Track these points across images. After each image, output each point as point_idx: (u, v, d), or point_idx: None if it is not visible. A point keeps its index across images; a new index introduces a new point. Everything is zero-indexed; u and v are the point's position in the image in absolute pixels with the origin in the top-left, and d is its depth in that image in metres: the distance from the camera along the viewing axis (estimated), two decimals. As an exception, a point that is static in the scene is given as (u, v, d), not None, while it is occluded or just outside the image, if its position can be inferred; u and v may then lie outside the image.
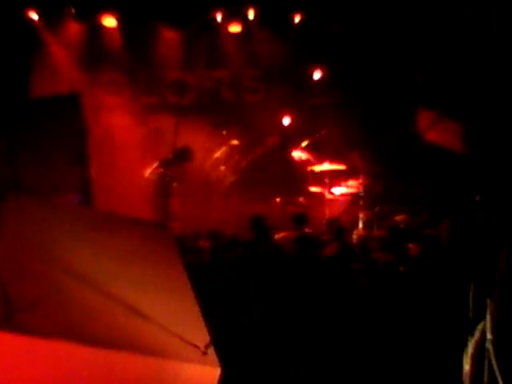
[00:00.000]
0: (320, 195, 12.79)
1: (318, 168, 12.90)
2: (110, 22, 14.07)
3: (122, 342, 4.13)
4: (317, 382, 6.69)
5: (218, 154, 13.63)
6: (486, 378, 4.93)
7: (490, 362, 4.87)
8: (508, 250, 4.85)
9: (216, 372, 4.29)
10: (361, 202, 12.24)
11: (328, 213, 12.37)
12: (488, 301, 4.90)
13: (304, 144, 13.15)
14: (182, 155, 12.72)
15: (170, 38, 14.31)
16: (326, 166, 12.78)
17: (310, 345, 6.85)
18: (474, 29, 12.33)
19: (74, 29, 14.17)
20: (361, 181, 12.44)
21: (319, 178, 12.91)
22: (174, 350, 4.27)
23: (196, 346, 4.32)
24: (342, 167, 12.79)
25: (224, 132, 13.78)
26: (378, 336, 6.86)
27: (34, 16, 13.76)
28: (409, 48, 13.17)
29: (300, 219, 10.35)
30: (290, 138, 13.60)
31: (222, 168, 13.55)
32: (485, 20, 12.08)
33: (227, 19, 14.15)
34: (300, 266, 7.67)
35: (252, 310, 7.05)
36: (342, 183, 12.68)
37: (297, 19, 13.91)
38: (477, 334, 5.10)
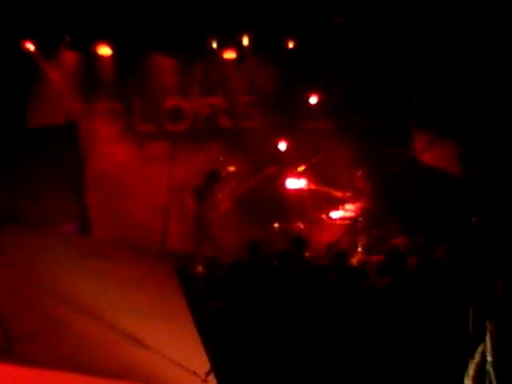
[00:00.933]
0: (319, 220, 12.80)
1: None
2: (104, 50, 14.12)
3: (122, 371, 4.12)
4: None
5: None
6: (487, 400, 4.93)
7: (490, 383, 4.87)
8: (505, 272, 4.87)
9: (216, 399, 4.29)
10: (359, 226, 12.24)
11: (327, 237, 12.35)
12: (487, 322, 4.90)
13: (300, 169, 13.19)
14: (213, 177, 12.80)
15: (164, 65, 14.35)
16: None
17: (313, 371, 6.83)
18: (469, 48, 12.40)
19: (69, 58, 14.20)
20: (358, 204, 12.46)
21: (317, 203, 12.94)
22: (175, 379, 4.26)
23: (196, 374, 4.31)
24: (338, 194, 12.87)
25: (221, 158, 13.79)
26: (379, 358, 6.84)
27: (31, 46, 13.82)
28: (404, 69, 13.22)
29: (300, 243, 10.32)
30: (287, 164, 13.62)
31: (219, 194, 13.54)
32: (481, 38, 12.18)
33: (222, 46, 14.21)
34: (301, 291, 7.66)
35: (252, 336, 7.03)
36: (340, 207, 12.70)
37: (290, 45, 13.98)
38: (477, 357, 5.10)
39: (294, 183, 13.31)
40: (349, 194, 12.81)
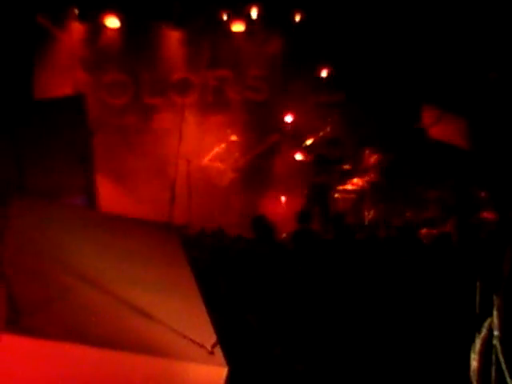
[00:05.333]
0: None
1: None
2: (113, 22, 14.09)
3: (129, 343, 4.13)
4: (326, 377, 6.69)
5: (217, 150, 13.65)
6: (493, 375, 4.93)
7: (497, 358, 4.87)
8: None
9: (223, 371, 4.28)
10: (366, 200, 12.22)
11: (334, 211, 12.33)
12: (494, 297, 4.90)
13: (308, 142, 13.15)
14: None
15: (173, 37, 14.33)
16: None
17: (318, 341, 6.85)
18: (476, 23, 12.34)
19: (77, 29, 14.20)
20: (366, 179, 12.42)
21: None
22: (181, 351, 4.27)
23: (202, 346, 4.32)
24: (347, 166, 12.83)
25: (228, 131, 13.77)
26: (384, 333, 6.85)
27: (39, 17, 13.77)
28: (413, 44, 13.14)
29: (304, 217, 10.26)
30: (294, 137, 13.61)
31: (221, 164, 13.54)
32: (487, 15, 12.10)
33: (230, 18, 14.16)
34: (302, 263, 7.66)
35: (258, 308, 7.05)
36: (348, 181, 12.66)
37: (298, 17, 13.92)
38: (484, 331, 5.10)
39: (301, 156, 13.29)
40: (356, 167, 12.78)
